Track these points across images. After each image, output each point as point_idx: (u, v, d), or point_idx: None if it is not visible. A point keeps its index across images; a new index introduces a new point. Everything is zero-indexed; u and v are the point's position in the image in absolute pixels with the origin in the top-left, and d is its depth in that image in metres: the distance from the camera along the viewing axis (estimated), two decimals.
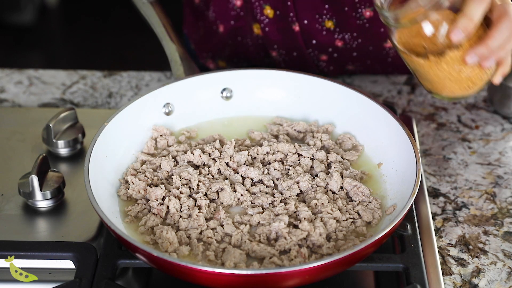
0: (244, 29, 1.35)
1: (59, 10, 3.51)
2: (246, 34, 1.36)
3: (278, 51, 1.34)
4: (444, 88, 0.99)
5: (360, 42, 1.29)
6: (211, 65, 1.46)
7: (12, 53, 3.21)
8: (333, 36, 1.29)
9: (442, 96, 1.01)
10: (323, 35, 1.29)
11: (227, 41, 1.39)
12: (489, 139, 1.23)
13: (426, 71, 0.97)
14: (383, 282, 0.99)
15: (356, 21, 1.26)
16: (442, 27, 0.93)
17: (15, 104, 1.31)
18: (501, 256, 1.02)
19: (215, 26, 1.38)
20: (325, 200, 0.98)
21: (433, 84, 1.00)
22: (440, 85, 0.99)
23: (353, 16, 1.25)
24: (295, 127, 1.12)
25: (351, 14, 1.25)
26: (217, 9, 1.36)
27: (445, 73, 0.96)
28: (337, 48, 1.31)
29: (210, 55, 1.45)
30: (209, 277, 0.85)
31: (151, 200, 0.98)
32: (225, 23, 1.36)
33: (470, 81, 0.97)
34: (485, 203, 1.11)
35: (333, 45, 1.30)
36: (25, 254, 0.95)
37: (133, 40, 3.17)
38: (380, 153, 1.07)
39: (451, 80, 0.97)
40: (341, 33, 1.28)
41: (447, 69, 0.96)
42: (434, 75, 0.97)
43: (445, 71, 0.96)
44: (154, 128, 1.11)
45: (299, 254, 0.91)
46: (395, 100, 1.32)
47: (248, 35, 1.36)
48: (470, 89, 0.99)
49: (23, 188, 1.04)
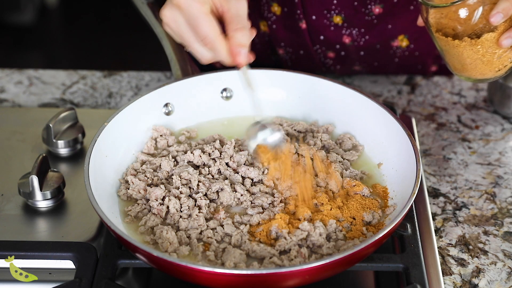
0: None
1: (59, 10, 3.51)
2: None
3: (285, 48, 1.35)
4: (475, 69, 1.00)
5: (367, 39, 1.29)
6: (218, 64, 1.46)
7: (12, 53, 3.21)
8: (340, 32, 1.29)
9: (470, 77, 1.02)
10: (331, 30, 1.29)
11: None
12: (489, 139, 1.23)
13: (459, 52, 0.98)
14: (383, 282, 0.99)
15: (364, 17, 1.26)
16: (480, 9, 0.94)
17: (15, 104, 1.31)
18: (501, 256, 1.02)
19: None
20: (325, 200, 0.98)
21: (464, 66, 1.01)
22: (471, 67, 1.00)
23: (362, 11, 1.26)
24: (295, 127, 1.12)
25: (360, 10, 1.26)
26: None
27: (478, 55, 0.98)
28: (344, 45, 1.31)
29: None
30: (209, 277, 0.85)
31: (151, 200, 0.98)
32: None
33: (501, 63, 0.99)
34: (485, 203, 1.11)
35: (340, 42, 1.30)
36: (25, 254, 0.95)
37: (133, 40, 3.17)
38: (380, 153, 1.07)
39: (483, 62, 0.99)
40: (349, 29, 1.28)
41: (482, 51, 0.97)
42: (467, 56, 0.98)
43: (479, 52, 0.97)
44: (154, 128, 1.11)
45: (299, 254, 0.91)
46: (395, 100, 1.32)
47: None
48: (500, 71, 1.01)
49: (23, 188, 1.04)
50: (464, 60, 0.99)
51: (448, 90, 1.35)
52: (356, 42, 1.30)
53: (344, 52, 1.32)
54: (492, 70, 1.00)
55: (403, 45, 1.31)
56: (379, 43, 1.31)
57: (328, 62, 1.35)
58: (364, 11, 1.26)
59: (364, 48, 1.31)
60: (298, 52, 1.34)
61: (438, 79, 1.37)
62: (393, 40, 1.30)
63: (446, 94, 1.34)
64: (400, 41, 1.30)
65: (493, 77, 1.02)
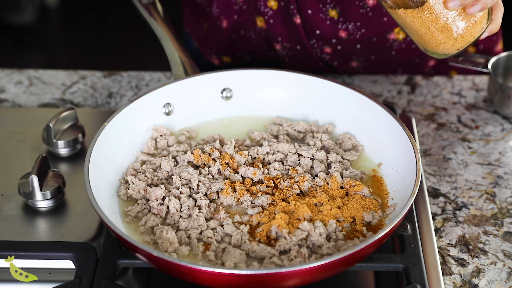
0: (247, 22, 1.36)
1: (59, 10, 3.50)
2: (249, 28, 1.37)
3: (282, 44, 1.35)
4: (434, 39, 1.01)
5: (363, 32, 1.30)
6: (216, 61, 1.47)
7: (12, 53, 3.21)
8: (336, 27, 1.29)
9: (436, 52, 1.02)
10: (326, 25, 1.29)
11: (231, 36, 1.40)
12: (489, 139, 1.23)
13: (412, 23, 0.99)
14: (383, 282, 0.99)
15: (359, 9, 1.27)
16: None
17: (15, 104, 1.31)
18: (501, 256, 1.02)
19: (219, 21, 1.39)
20: (325, 200, 0.98)
21: (422, 37, 1.01)
22: (428, 37, 1.01)
23: (357, 4, 1.27)
24: (295, 127, 1.12)
25: (354, 3, 1.26)
26: (221, 4, 1.37)
27: (429, 21, 0.98)
28: (341, 39, 1.31)
29: (214, 52, 1.45)
30: (209, 277, 0.85)
31: (151, 200, 0.98)
32: (229, 18, 1.37)
33: (456, 31, 0.99)
34: (485, 203, 1.11)
35: (336, 36, 1.31)
36: (25, 254, 0.95)
37: (133, 40, 3.17)
38: (380, 153, 1.07)
39: (437, 29, 0.99)
40: (345, 23, 1.29)
41: (431, 16, 0.98)
42: (420, 25, 0.99)
43: (429, 19, 0.98)
44: (154, 128, 1.11)
45: (299, 254, 0.91)
46: (395, 100, 1.32)
47: (252, 28, 1.37)
48: (459, 42, 1.00)
49: (23, 188, 1.04)
50: (419, 31, 1.00)
51: (448, 90, 1.35)
52: (352, 35, 1.30)
53: (340, 47, 1.32)
54: (450, 38, 1.00)
55: (399, 37, 1.32)
56: (376, 36, 1.31)
57: (325, 57, 1.35)
58: (358, 3, 1.26)
59: (360, 41, 1.32)
60: (295, 47, 1.35)
61: (438, 79, 1.37)
62: (389, 32, 1.31)
63: (446, 94, 1.34)
64: (397, 34, 1.31)
65: (457, 48, 1.01)
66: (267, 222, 0.95)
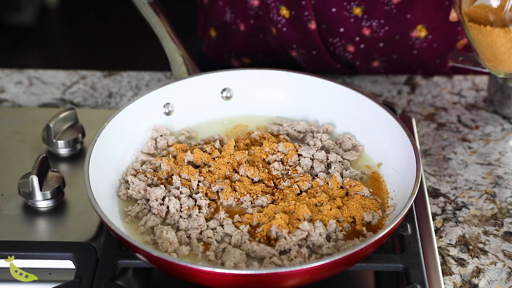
0: (264, 27, 1.37)
1: (59, 10, 3.51)
2: (267, 32, 1.38)
3: (298, 50, 1.36)
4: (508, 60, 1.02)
5: (387, 30, 1.31)
6: (236, 63, 1.48)
7: (12, 53, 3.21)
8: (360, 24, 1.30)
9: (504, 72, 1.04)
10: (350, 22, 1.30)
11: (249, 39, 1.40)
12: (489, 139, 1.23)
13: (493, 41, 1.00)
14: (383, 282, 0.99)
15: (384, 6, 1.28)
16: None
17: (15, 104, 1.31)
18: (501, 256, 1.02)
19: (235, 25, 1.39)
20: (325, 200, 0.98)
21: (497, 57, 1.02)
22: (504, 57, 1.01)
23: (381, 1, 1.27)
24: (295, 127, 1.12)
25: (379, 0, 1.27)
26: (236, 10, 1.37)
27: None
28: (364, 37, 1.32)
29: (233, 55, 1.46)
30: (209, 277, 0.85)
31: (151, 200, 0.98)
32: (245, 22, 1.38)
33: None
34: (485, 203, 1.11)
35: (360, 33, 1.32)
36: (25, 254, 0.95)
37: (133, 40, 3.17)
38: (380, 153, 1.07)
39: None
40: (369, 20, 1.30)
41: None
42: (501, 45, 1.00)
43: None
44: (154, 128, 1.11)
45: (299, 254, 0.91)
46: (395, 100, 1.32)
47: (268, 33, 1.37)
48: None
49: (23, 188, 1.04)
50: (497, 50, 1.00)
51: (448, 90, 1.35)
52: (375, 33, 1.31)
53: (363, 45, 1.33)
54: None
55: (421, 35, 1.32)
56: (398, 34, 1.32)
57: (348, 57, 1.36)
58: (383, 0, 1.27)
59: (383, 39, 1.32)
60: (311, 53, 1.36)
61: (438, 79, 1.37)
62: (412, 30, 1.31)
63: (446, 94, 1.34)
64: (419, 31, 1.32)
65: None
66: (267, 222, 0.95)
